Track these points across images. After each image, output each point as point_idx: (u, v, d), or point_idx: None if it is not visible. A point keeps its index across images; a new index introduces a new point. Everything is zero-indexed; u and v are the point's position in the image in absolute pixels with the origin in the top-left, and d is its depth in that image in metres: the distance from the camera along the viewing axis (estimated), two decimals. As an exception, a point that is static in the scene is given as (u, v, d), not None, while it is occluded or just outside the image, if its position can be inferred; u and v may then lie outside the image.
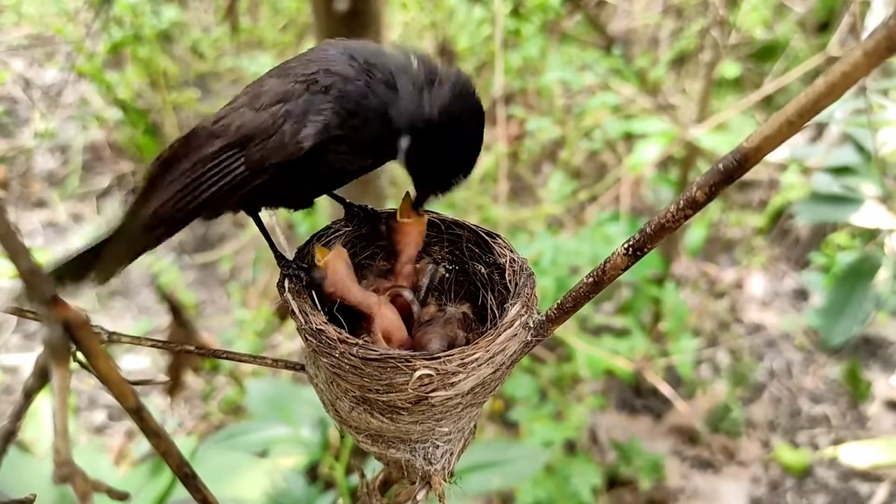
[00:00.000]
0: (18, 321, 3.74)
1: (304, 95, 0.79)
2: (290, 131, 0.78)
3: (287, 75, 0.82)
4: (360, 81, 0.81)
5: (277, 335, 3.43)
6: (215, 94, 4.46)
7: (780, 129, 0.51)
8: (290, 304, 0.81)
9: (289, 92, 0.80)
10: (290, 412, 1.83)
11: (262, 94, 0.81)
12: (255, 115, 0.80)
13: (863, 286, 2.06)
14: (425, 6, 3.77)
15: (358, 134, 0.81)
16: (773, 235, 4.14)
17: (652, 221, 0.62)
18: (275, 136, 0.79)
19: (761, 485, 3.08)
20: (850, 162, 2.18)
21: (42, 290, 0.42)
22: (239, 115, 0.82)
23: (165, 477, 1.92)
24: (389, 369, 0.72)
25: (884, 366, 3.64)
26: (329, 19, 2.23)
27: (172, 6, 4.03)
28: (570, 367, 2.68)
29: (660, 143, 2.81)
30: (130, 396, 0.51)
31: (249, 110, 0.81)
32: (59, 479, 0.43)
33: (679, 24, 4.18)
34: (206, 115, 1.02)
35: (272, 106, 0.80)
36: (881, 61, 0.45)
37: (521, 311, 0.79)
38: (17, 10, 3.89)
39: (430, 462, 0.82)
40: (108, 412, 3.34)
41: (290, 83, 0.81)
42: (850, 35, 2.73)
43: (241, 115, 0.82)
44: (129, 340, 0.86)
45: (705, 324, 3.74)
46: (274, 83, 0.82)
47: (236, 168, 0.80)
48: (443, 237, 0.98)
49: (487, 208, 3.04)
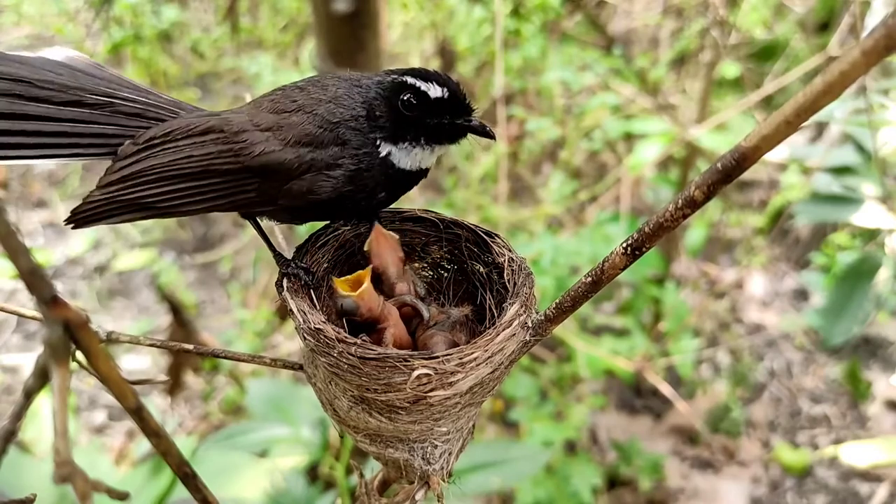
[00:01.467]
0: (18, 321, 3.74)
1: (330, 148, 0.84)
2: (309, 181, 0.83)
3: (314, 112, 0.85)
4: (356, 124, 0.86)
5: (277, 335, 3.43)
6: (215, 94, 4.46)
7: (779, 129, 0.51)
8: (289, 303, 0.81)
9: (317, 138, 0.83)
10: (290, 412, 1.83)
11: (289, 128, 0.83)
12: (281, 150, 0.82)
13: (863, 286, 2.06)
14: (425, 6, 3.77)
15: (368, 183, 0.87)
16: (773, 235, 4.14)
17: (650, 221, 0.62)
18: (295, 181, 0.83)
19: (761, 485, 3.08)
20: (850, 162, 2.18)
21: (42, 290, 0.42)
22: (263, 141, 0.83)
23: (166, 477, 1.92)
24: (388, 368, 0.72)
25: (884, 366, 3.64)
26: (329, 19, 2.23)
27: (172, 6, 4.03)
28: (570, 367, 2.68)
29: (660, 143, 2.81)
30: (130, 396, 0.51)
31: (275, 139, 0.83)
32: (59, 479, 0.43)
33: (679, 24, 4.18)
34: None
35: (299, 146, 0.83)
36: (880, 60, 0.45)
37: (520, 311, 0.79)
38: (17, 10, 3.89)
39: (429, 462, 0.82)
40: (109, 412, 3.34)
41: (317, 127, 0.84)
42: (850, 35, 2.73)
43: (266, 141, 0.83)
44: (128, 340, 0.86)
45: (705, 324, 3.74)
46: (303, 121, 0.84)
47: (248, 192, 0.84)
48: (441, 237, 0.98)
49: (487, 208, 3.04)
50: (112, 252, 4.31)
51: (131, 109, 0.89)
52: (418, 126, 0.87)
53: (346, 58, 2.28)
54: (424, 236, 0.99)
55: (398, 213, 0.99)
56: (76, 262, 4.31)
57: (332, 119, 0.85)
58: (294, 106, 0.85)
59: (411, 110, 0.86)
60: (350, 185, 0.85)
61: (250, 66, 3.40)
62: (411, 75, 0.87)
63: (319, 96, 0.86)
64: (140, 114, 0.89)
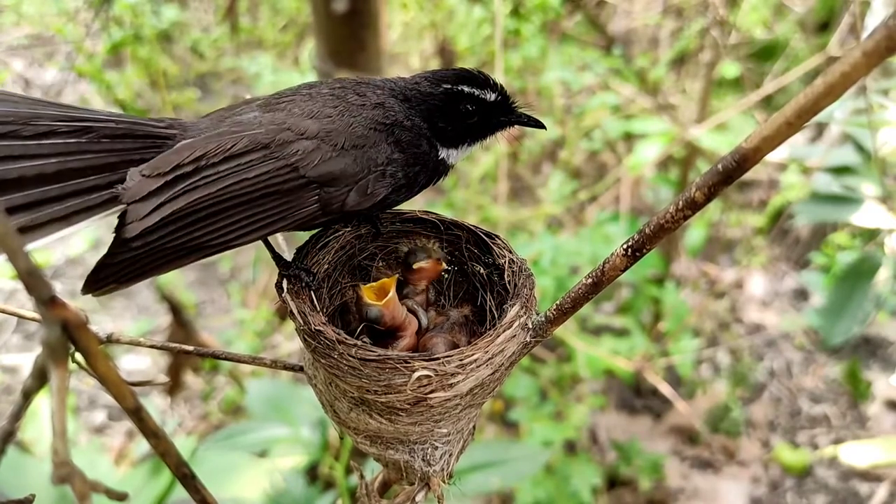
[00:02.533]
0: (19, 321, 3.74)
1: (384, 147, 0.84)
2: (372, 182, 0.83)
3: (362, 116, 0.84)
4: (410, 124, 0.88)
5: (277, 335, 3.43)
6: (215, 94, 4.46)
7: (779, 130, 0.51)
8: (289, 305, 0.80)
9: (369, 139, 0.83)
10: (290, 412, 1.82)
11: (337, 133, 0.81)
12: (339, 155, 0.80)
13: (863, 286, 2.06)
14: (425, 6, 3.77)
15: (416, 180, 0.89)
16: (773, 235, 4.14)
17: (651, 222, 0.62)
18: (358, 185, 0.82)
19: (761, 485, 3.08)
20: (850, 162, 2.18)
21: (40, 290, 0.42)
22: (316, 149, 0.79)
23: (165, 477, 1.92)
24: (388, 370, 0.72)
25: (884, 366, 3.64)
26: (329, 19, 2.23)
27: (172, 6, 4.03)
28: (570, 367, 2.68)
29: (660, 143, 2.81)
30: (129, 397, 0.51)
31: (327, 145, 0.80)
32: (57, 479, 0.43)
33: (679, 24, 4.18)
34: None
35: (355, 150, 0.82)
36: (881, 62, 0.45)
37: (520, 313, 0.79)
38: (17, 10, 3.89)
39: (429, 463, 0.82)
40: (109, 412, 3.34)
41: (369, 129, 0.84)
42: (850, 35, 2.73)
43: (319, 149, 0.79)
44: (128, 342, 0.85)
45: (705, 324, 3.73)
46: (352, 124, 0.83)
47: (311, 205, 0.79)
48: (442, 238, 0.98)
49: (487, 208, 3.04)
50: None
51: (114, 131, 0.77)
52: (478, 129, 0.93)
53: (346, 58, 2.28)
54: (425, 238, 0.99)
55: (399, 214, 0.99)
56: (76, 262, 4.31)
57: (385, 121, 0.86)
58: (335, 112, 0.84)
59: (472, 117, 0.91)
60: (405, 180, 0.87)
61: (250, 66, 3.40)
62: (466, 84, 0.91)
63: (361, 102, 0.86)
64: (127, 133, 0.78)
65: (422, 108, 0.89)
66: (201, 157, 0.75)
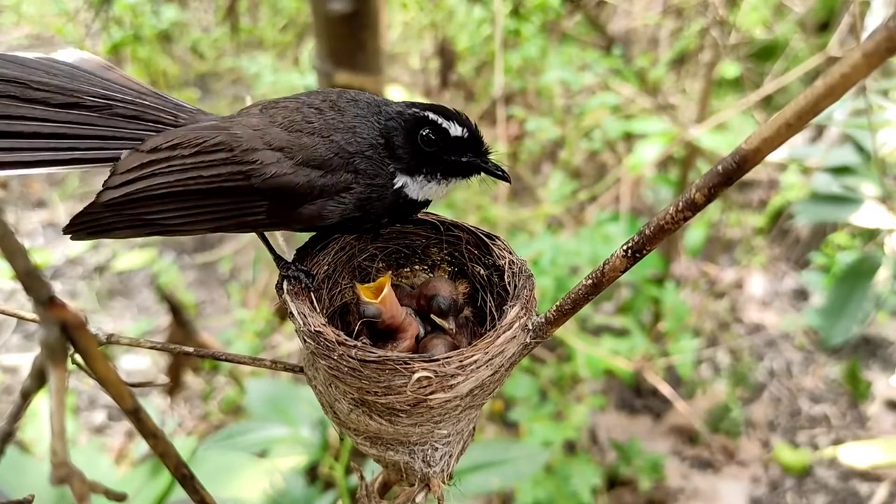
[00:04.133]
0: (18, 321, 3.74)
1: (341, 174, 0.84)
2: (319, 205, 0.83)
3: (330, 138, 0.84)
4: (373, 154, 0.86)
5: (277, 335, 3.43)
6: (215, 94, 4.46)
7: (779, 131, 0.50)
8: (289, 305, 0.80)
9: (329, 163, 0.83)
10: (290, 412, 1.82)
11: (301, 150, 0.82)
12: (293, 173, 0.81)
13: (863, 286, 2.06)
14: (425, 6, 3.77)
15: (376, 211, 0.88)
16: (773, 235, 4.14)
17: (651, 223, 0.62)
18: (306, 206, 0.82)
19: (761, 485, 3.08)
20: (849, 162, 2.18)
21: (38, 290, 0.42)
22: (274, 163, 0.81)
23: (165, 477, 1.92)
24: (388, 371, 0.72)
25: (884, 366, 3.64)
26: (328, 19, 2.23)
27: (172, 6, 4.03)
28: (570, 367, 2.68)
29: (660, 143, 2.81)
30: (128, 397, 0.51)
31: (286, 160, 0.82)
32: (56, 480, 0.43)
33: (679, 24, 4.18)
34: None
35: (311, 170, 0.82)
36: (881, 63, 0.45)
37: (520, 314, 0.79)
38: (17, 10, 3.89)
39: (429, 464, 0.81)
40: (108, 412, 3.34)
41: (332, 153, 0.83)
42: (850, 35, 2.73)
43: (278, 163, 0.81)
44: (127, 342, 0.85)
45: (705, 324, 3.73)
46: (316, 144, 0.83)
47: (257, 213, 0.83)
48: (442, 239, 0.98)
49: (487, 208, 3.04)
50: (112, 252, 4.31)
51: (129, 111, 0.87)
52: (436, 161, 0.89)
53: (346, 58, 2.27)
54: (425, 238, 0.99)
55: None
56: (76, 262, 4.31)
57: (349, 148, 0.84)
58: (309, 128, 0.84)
59: (430, 146, 0.88)
60: (358, 211, 0.86)
61: (250, 66, 3.40)
62: (433, 111, 0.88)
63: (337, 122, 0.85)
64: (138, 116, 0.88)
65: (389, 127, 0.88)
66: (176, 145, 0.82)
